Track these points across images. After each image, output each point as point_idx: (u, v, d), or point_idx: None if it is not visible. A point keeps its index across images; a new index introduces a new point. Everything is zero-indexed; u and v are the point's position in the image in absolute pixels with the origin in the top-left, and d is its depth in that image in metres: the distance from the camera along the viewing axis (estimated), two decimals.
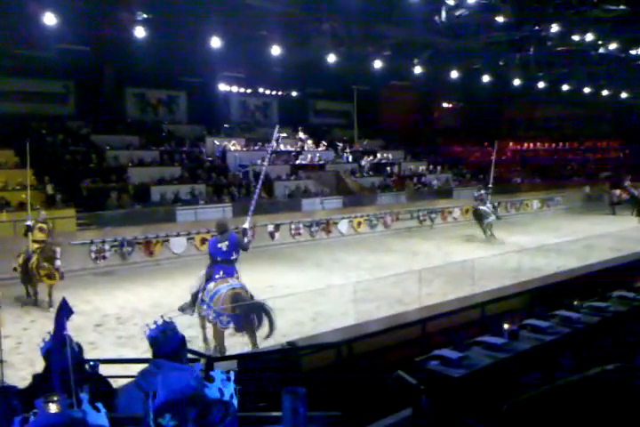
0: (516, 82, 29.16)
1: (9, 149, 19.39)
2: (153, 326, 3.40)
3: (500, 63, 26.55)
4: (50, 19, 16.97)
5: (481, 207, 20.41)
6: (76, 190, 18.99)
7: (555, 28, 21.05)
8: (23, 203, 16.78)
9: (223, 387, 1.84)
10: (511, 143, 39.18)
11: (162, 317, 3.37)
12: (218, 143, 25.90)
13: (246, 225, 9.49)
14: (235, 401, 2.16)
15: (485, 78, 28.78)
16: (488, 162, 35.61)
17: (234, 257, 8.84)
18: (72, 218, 16.95)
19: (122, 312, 11.48)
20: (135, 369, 4.03)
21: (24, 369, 7.22)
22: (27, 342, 9.14)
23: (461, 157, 35.19)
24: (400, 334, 6.84)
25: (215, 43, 20.44)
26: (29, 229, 12.15)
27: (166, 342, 3.37)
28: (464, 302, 7.64)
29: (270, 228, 19.73)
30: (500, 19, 19.54)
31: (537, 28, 21.33)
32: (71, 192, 18.59)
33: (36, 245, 11.95)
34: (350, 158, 29.19)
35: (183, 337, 3.39)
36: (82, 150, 21.65)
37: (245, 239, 9.23)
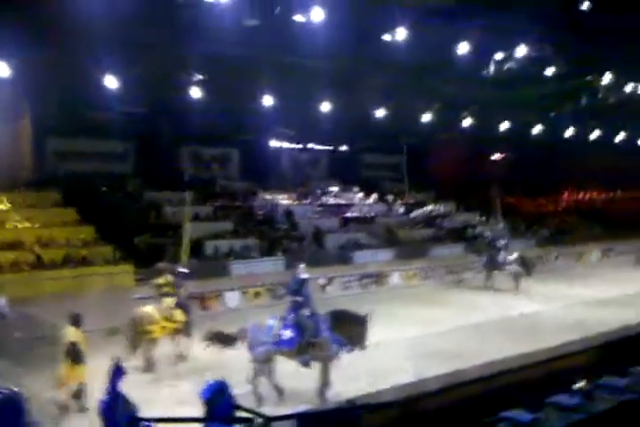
0: (568, 132, 28.84)
1: (72, 206, 20.16)
2: (207, 387, 3.30)
3: (551, 114, 26.41)
4: (111, 81, 17.98)
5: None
6: (134, 246, 19.48)
7: (607, 77, 20.92)
8: (85, 258, 17.35)
9: None
10: (566, 193, 38.34)
11: (214, 377, 3.28)
12: (269, 197, 26.34)
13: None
14: None
15: (536, 129, 28.61)
16: (542, 213, 35.00)
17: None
18: (130, 273, 17.31)
19: (177, 369, 11.44)
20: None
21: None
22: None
23: (514, 208, 34.54)
24: (463, 391, 6.56)
25: (267, 100, 21.15)
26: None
27: (223, 402, 3.27)
28: (529, 359, 7.31)
29: (322, 280, 19.60)
30: (550, 70, 19.56)
31: (588, 77, 21.26)
32: (129, 248, 19.06)
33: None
34: (401, 211, 29.10)
35: (235, 398, 3.30)
36: (139, 207, 22.35)
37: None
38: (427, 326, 14.09)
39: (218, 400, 3.27)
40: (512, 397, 5.44)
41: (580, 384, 5.31)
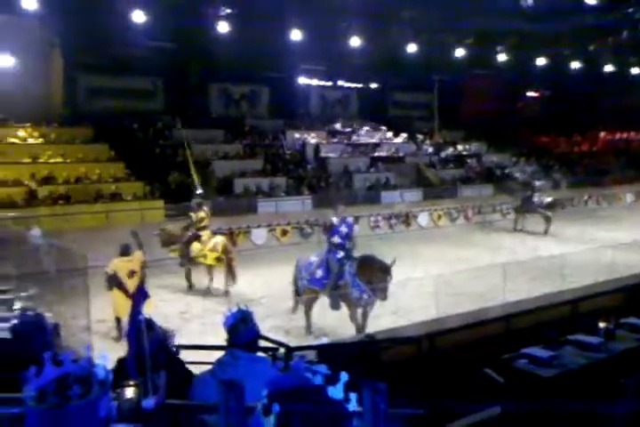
0: (608, 68, 27.62)
1: (104, 143, 20.31)
2: (229, 314, 3.35)
3: (591, 48, 25.21)
4: (139, 16, 17.67)
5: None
6: (164, 183, 19.68)
7: None
8: (115, 194, 17.64)
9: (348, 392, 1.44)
10: (602, 133, 37.16)
11: (237, 304, 3.32)
12: (298, 136, 26.11)
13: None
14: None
15: (574, 65, 27.45)
16: (577, 153, 34.11)
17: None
18: (160, 209, 17.59)
19: (205, 300, 11.79)
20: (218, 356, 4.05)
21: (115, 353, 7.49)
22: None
23: (547, 148, 33.72)
24: (484, 329, 6.62)
25: (296, 35, 20.59)
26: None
27: (246, 330, 3.32)
28: (553, 299, 7.30)
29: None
30: (590, 1, 18.51)
31: (630, 9, 20.11)
32: (159, 184, 19.28)
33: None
34: (430, 150, 28.66)
35: (258, 327, 3.34)
36: (170, 144, 22.41)
37: None
38: (452, 266, 14.14)
39: (240, 329, 3.32)
40: (535, 336, 5.47)
41: (604, 324, 5.29)
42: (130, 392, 2.87)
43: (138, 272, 9.23)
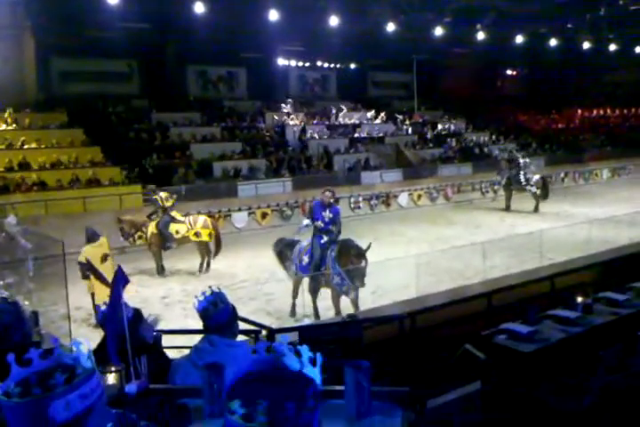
0: (586, 45, 27.71)
1: (78, 127, 19.97)
2: (202, 298, 3.30)
3: (569, 26, 25.24)
4: None
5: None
6: (142, 167, 19.45)
7: None
8: (92, 180, 17.40)
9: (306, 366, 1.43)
10: (579, 110, 37.44)
11: (210, 287, 3.27)
12: (277, 118, 25.92)
13: None
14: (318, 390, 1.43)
15: (552, 42, 27.50)
16: (554, 130, 34.34)
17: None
18: (138, 193, 17.41)
19: (186, 285, 11.74)
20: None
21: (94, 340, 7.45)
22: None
23: (526, 126, 33.91)
24: (464, 307, 6.69)
25: (273, 16, 20.30)
26: None
27: (217, 313, 3.26)
28: (531, 275, 7.38)
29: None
30: None
31: None
32: (136, 169, 19.05)
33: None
34: (410, 130, 28.66)
35: (234, 308, 3.28)
36: (146, 128, 22.12)
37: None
38: (432, 245, 14.25)
39: (211, 311, 3.26)
40: (514, 312, 5.54)
41: (581, 299, 5.37)
42: (112, 378, 2.85)
43: (110, 255, 9.20)
